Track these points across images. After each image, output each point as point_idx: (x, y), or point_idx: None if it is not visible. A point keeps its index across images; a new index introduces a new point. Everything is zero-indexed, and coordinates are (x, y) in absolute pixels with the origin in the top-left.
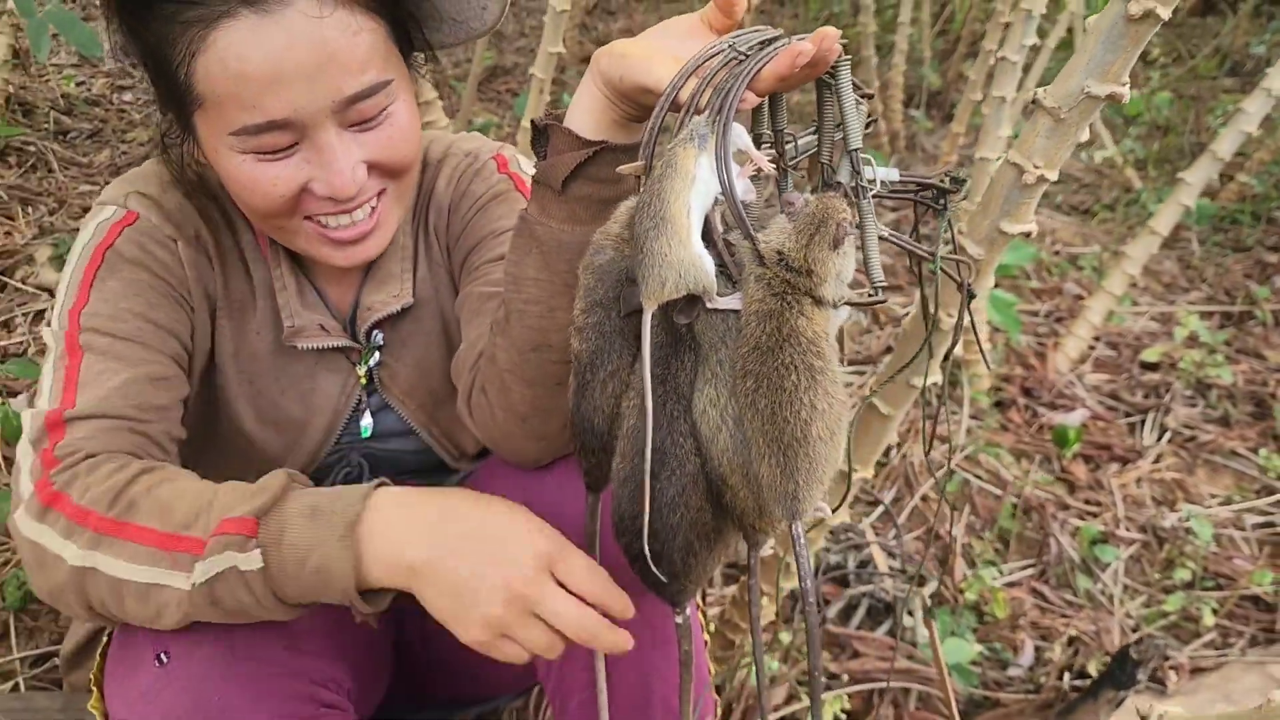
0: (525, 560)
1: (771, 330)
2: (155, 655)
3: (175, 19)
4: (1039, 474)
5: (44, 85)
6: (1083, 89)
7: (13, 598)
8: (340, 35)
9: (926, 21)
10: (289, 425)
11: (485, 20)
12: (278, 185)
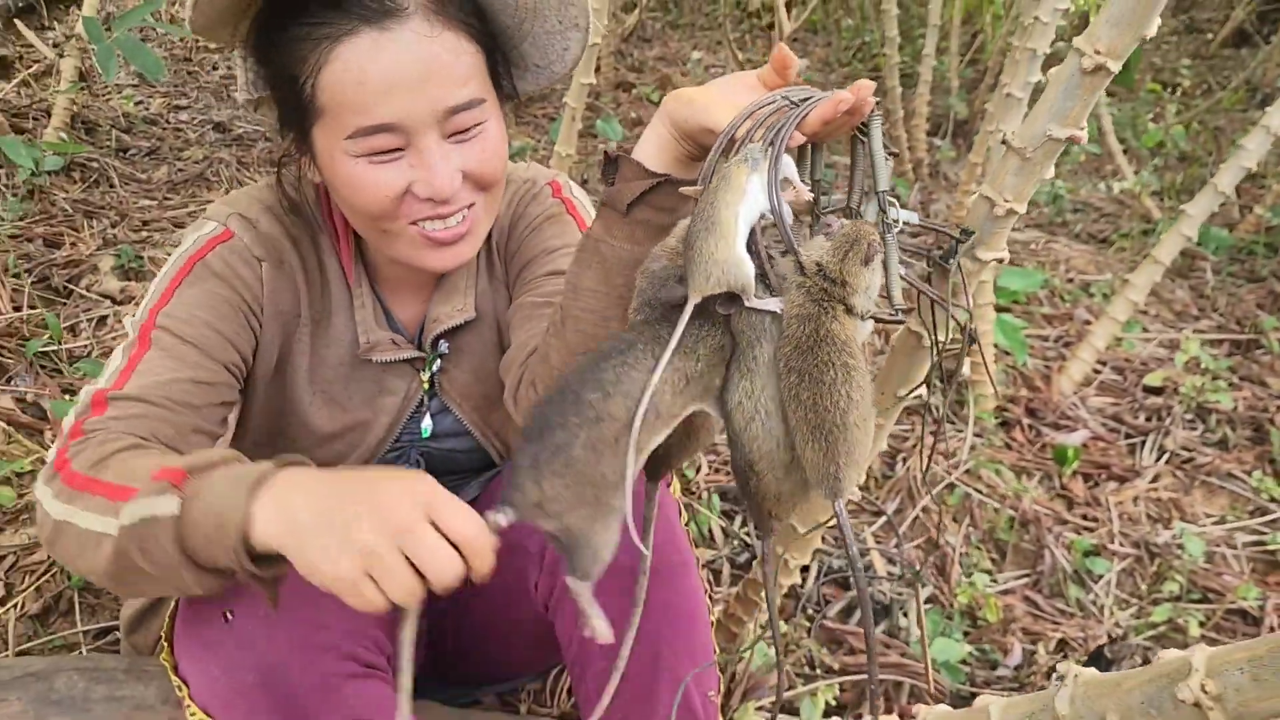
0: (405, 500)
1: (810, 331)
2: (221, 613)
3: (308, 38)
4: (1038, 490)
5: (105, 104)
6: (1045, 132)
7: (77, 577)
8: (446, 53)
9: (955, 51)
10: (355, 425)
11: (566, 61)
12: (384, 187)
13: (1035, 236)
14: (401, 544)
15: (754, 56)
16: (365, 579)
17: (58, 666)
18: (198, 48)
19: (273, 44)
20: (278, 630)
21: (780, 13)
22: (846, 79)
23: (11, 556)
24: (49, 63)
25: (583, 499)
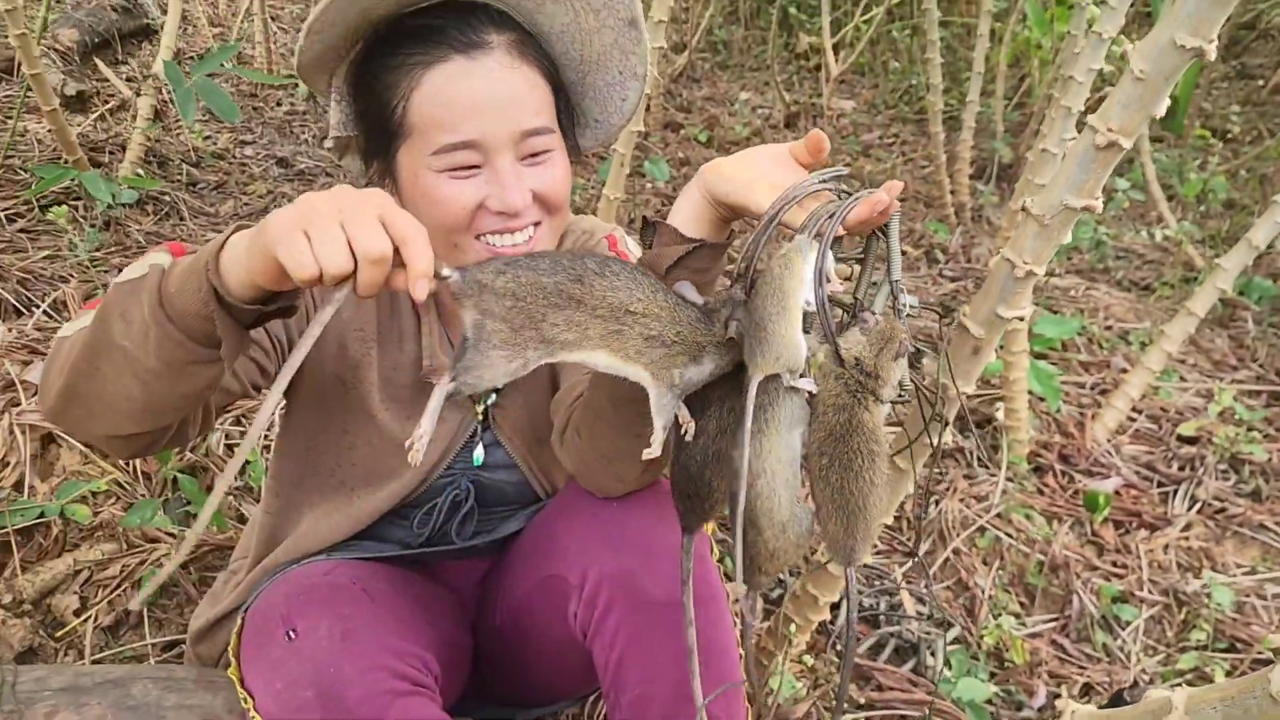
0: (359, 197)
1: (845, 420)
2: (285, 632)
3: (403, 65)
4: (1069, 535)
5: (176, 139)
6: (1062, 201)
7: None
8: (523, 83)
9: (1001, 95)
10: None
11: (624, 111)
12: (462, 199)
13: (1076, 283)
14: (343, 219)
15: (801, 97)
16: (301, 234)
17: (134, 675)
18: (262, 86)
19: (370, 76)
20: (335, 650)
21: (828, 55)
22: (892, 121)
23: (86, 571)
24: (123, 98)
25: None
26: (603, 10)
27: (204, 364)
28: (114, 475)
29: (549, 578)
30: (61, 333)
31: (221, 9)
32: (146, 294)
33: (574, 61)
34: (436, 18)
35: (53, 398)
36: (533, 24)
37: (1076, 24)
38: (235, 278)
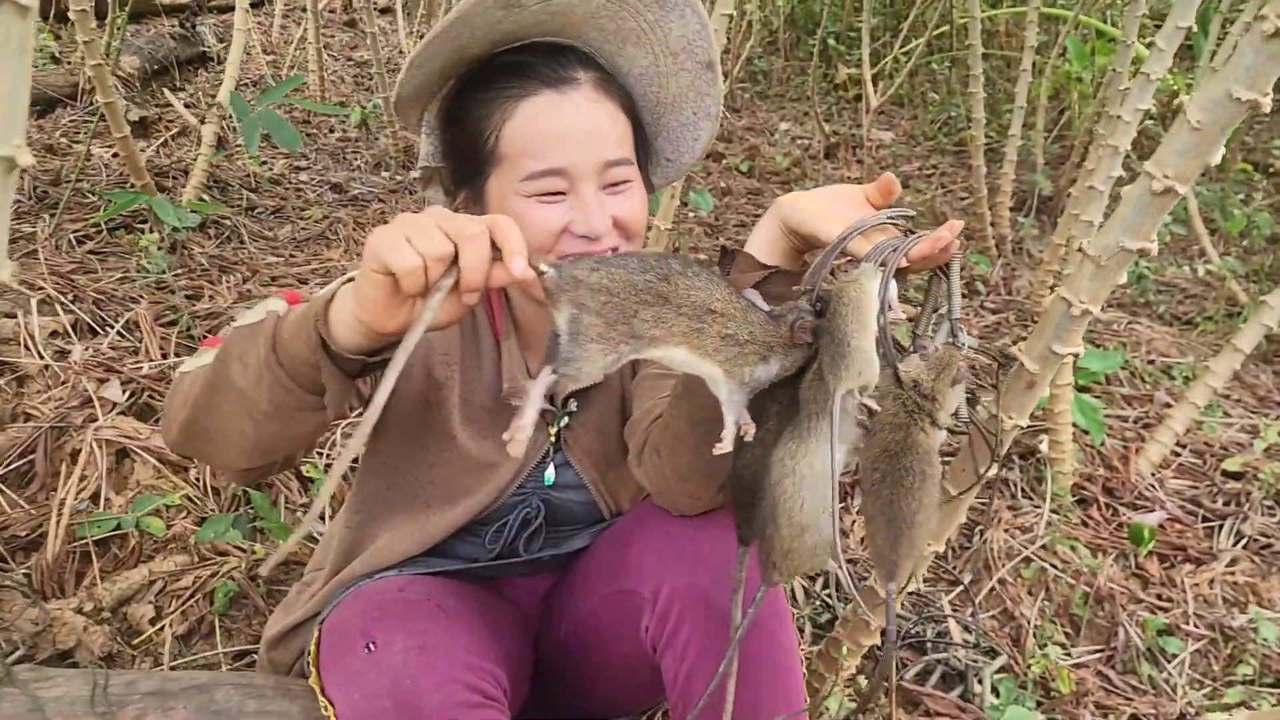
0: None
1: (900, 439)
2: (364, 645)
3: (496, 98)
4: (1113, 568)
5: (235, 165)
6: (1118, 244)
7: (219, 603)
8: (606, 117)
9: (1041, 128)
10: (485, 463)
11: (696, 151)
12: (549, 223)
13: (1118, 316)
14: (436, 221)
15: (840, 128)
16: (401, 237)
17: (217, 681)
18: (315, 113)
19: (463, 108)
20: (412, 663)
21: (867, 86)
22: (931, 152)
23: (161, 582)
24: (184, 123)
25: (610, 318)
26: (681, 54)
27: (311, 410)
28: (185, 490)
29: (621, 592)
30: (183, 368)
31: (274, 36)
32: (262, 339)
33: (650, 103)
34: (528, 55)
35: (175, 430)
36: (613, 66)
37: (1120, 62)
38: (343, 323)
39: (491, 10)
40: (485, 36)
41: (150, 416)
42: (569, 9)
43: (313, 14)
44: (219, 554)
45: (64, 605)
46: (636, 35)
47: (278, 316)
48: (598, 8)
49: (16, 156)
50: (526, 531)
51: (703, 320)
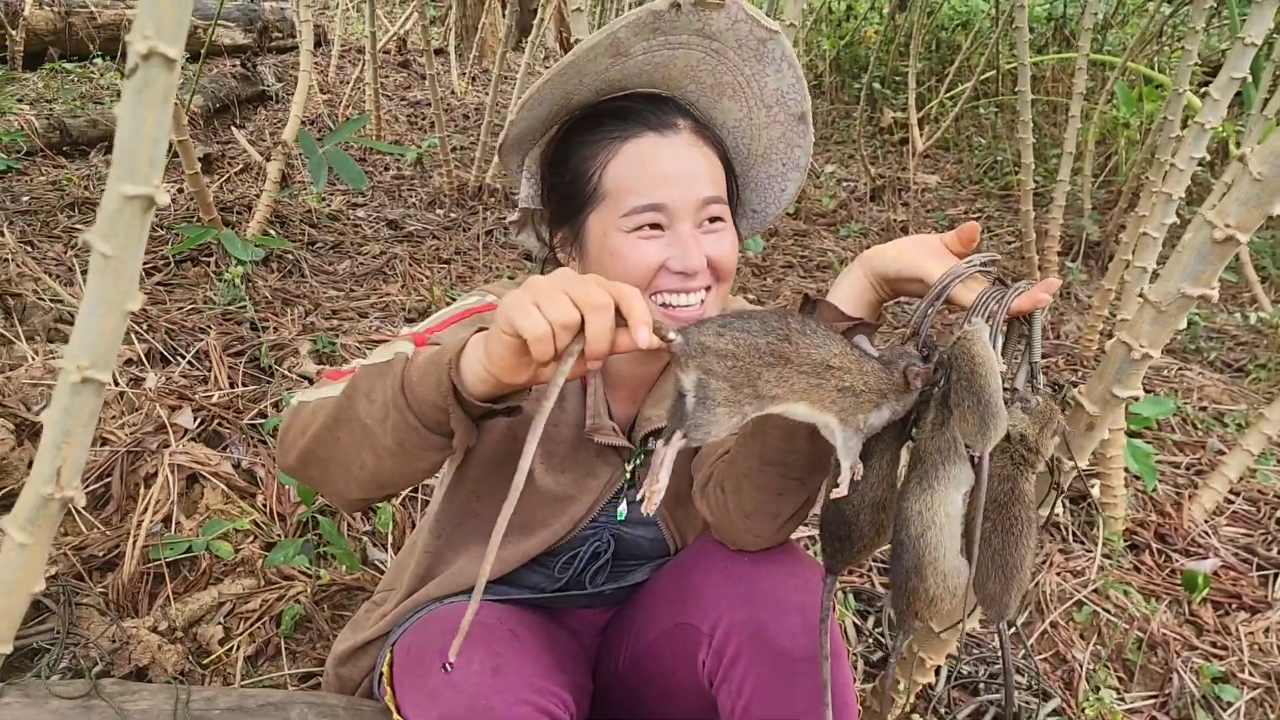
0: (575, 273)
1: (1008, 489)
2: (442, 664)
3: (602, 140)
4: (1167, 614)
5: (295, 200)
6: (1179, 290)
7: (286, 626)
8: (704, 160)
9: (1089, 173)
10: (561, 497)
11: (782, 202)
12: (647, 257)
13: (1168, 362)
14: (564, 288)
15: (886, 171)
16: (530, 303)
17: (292, 699)
18: (371, 150)
19: (567, 150)
20: (487, 683)
21: (913, 130)
22: (977, 196)
23: (229, 604)
24: (247, 160)
25: (736, 381)
26: (774, 106)
27: (433, 449)
28: (253, 515)
29: (680, 625)
30: (301, 397)
31: (331, 76)
32: (391, 379)
33: (741, 155)
34: (631, 102)
35: (293, 456)
36: (708, 118)
37: (1171, 110)
38: (473, 373)
39: (601, 58)
40: (591, 84)
41: (218, 443)
42: (671, 61)
43: (371, 56)
44: (284, 578)
45: (139, 624)
46: (732, 89)
47: (406, 358)
48: (698, 61)
49: (155, 196)
50: (595, 564)
51: (821, 376)
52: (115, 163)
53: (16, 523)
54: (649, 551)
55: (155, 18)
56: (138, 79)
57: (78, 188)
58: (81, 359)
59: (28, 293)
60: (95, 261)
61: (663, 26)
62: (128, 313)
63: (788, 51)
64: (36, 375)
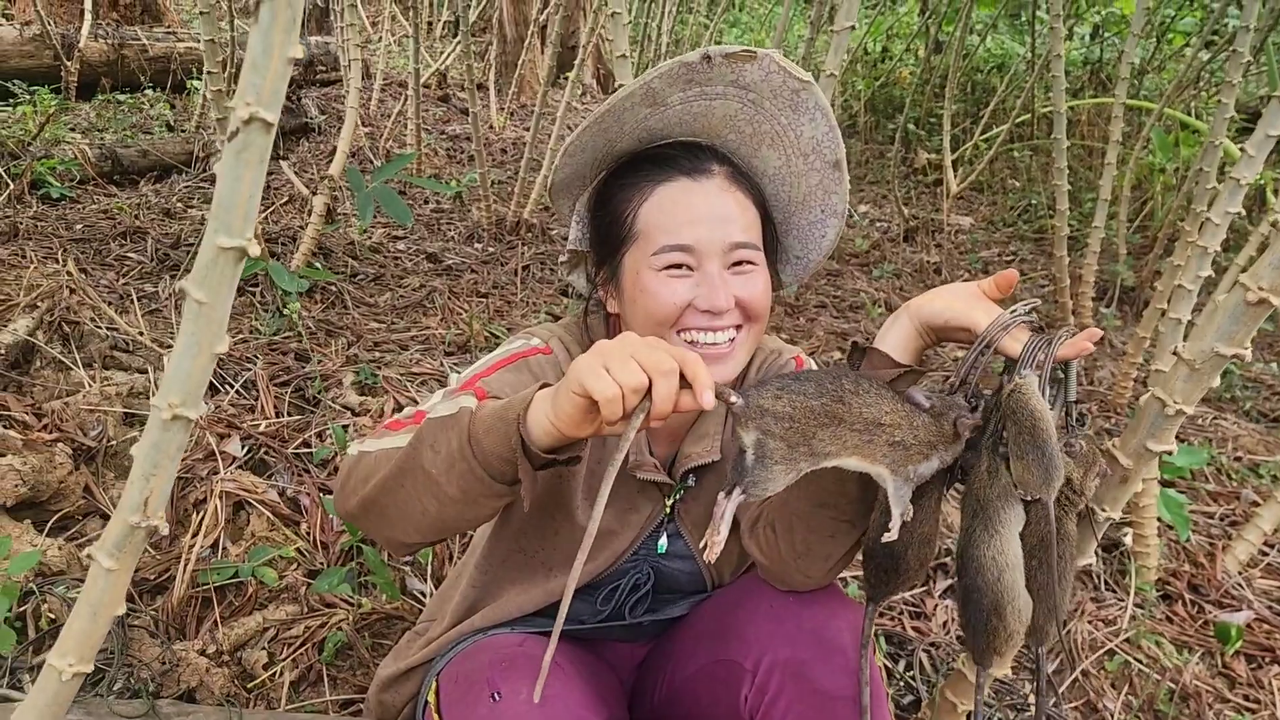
0: (641, 337)
1: (1051, 530)
2: (490, 694)
3: (639, 183)
4: (1199, 665)
5: (338, 233)
6: (1213, 349)
7: (328, 653)
8: (735, 205)
9: (1124, 218)
10: (604, 531)
11: (823, 248)
12: (675, 296)
13: (1203, 411)
14: (632, 352)
15: (919, 212)
16: (600, 367)
17: None
18: (412, 185)
19: (608, 193)
20: (534, 713)
21: (947, 172)
22: (1010, 238)
23: (273, 629)
24: (292, 191)
25: (792, 441)
26: (811, 154)
27: (496, 497)
28: (297, 544)
29: (721, 661)
30: (361, 447)
31: (372, 110)
32: (456, 431)
33: (782, 202)
34: (669, 149)
35: (353, 504)
36: (749, 166)
37: (1208, 160)
38: (539, 426)
39: (638, 107)
40: (632, 133)
41: (265, 471)
42: (709, 110)
43: (414, 93)
44: (326, 605)
45: (189, 647)
46: (771, 138)
47: (470, 412)
48: (736, 111)
49: (248, 248)
50: (635, 596)
51: (873, 433)
52: (213, 216)
53: (104, 549)
54: (686, 585)
55: (256, 87)
56: (239, 141)
57: (129, 216)
58: (173, 397)
59: (85, 320)
60: (190, 307)
61: (696, 78)
62: (216, 355)
63: (821, 101)
64: (94, 402)
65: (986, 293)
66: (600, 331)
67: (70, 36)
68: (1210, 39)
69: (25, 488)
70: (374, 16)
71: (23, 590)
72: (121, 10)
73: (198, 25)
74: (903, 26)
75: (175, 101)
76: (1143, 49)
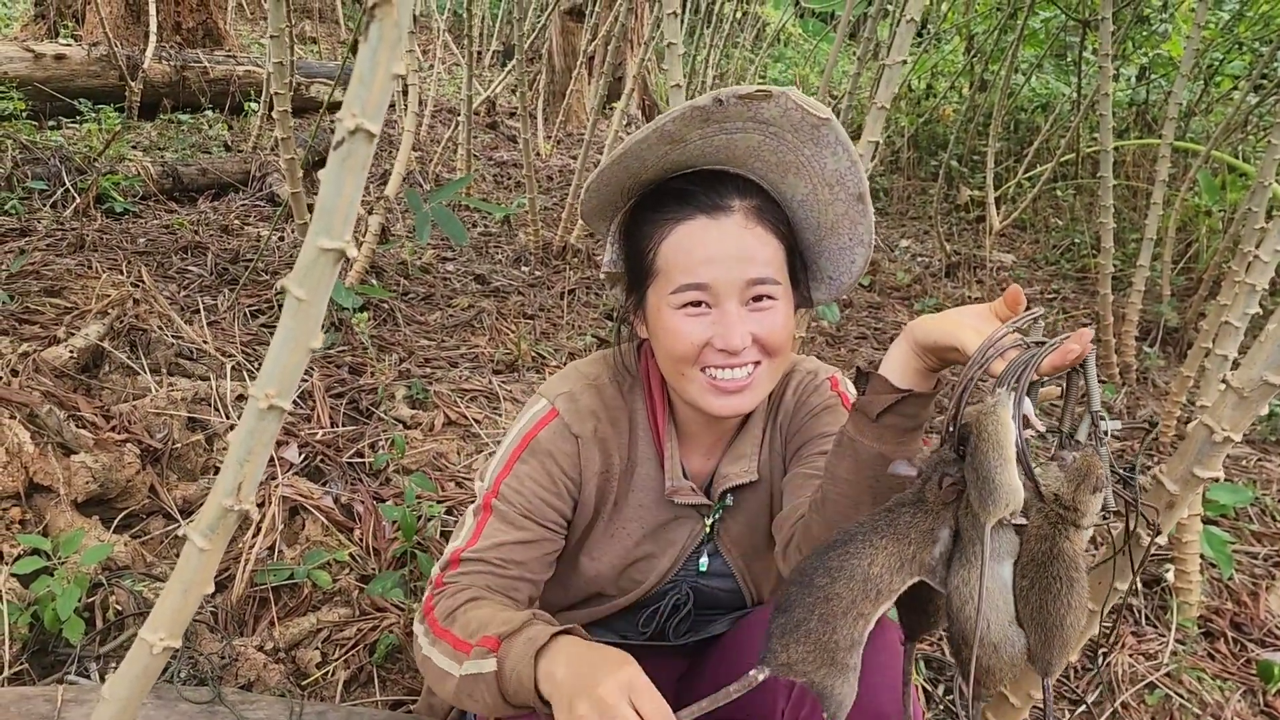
0: (613, 685)
1: (1046, 549)
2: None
3: (660, 220)
4: (1240, 703)
5: (389, 253)
6: (1261, 377)
7: (379, 655)
8: (755, 241)
9: (1169, 259)
10: (644, 557)
11: (853, 273)
12: (693, 335)
13: (1247, 453)
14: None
15: (961, 248)
16: None
17: (394, 719)
18: (459, 206)
19: (635, 226)
20: None
21: (990, 209)
22: (1053, 277)
23: (327, 631)
24: None
25: (823, 660)
26: (835, 185)
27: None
28: (350, 549)
29: None
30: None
31: (422, 136)
32: (487, 686)
33: (812, 226)
34: (692, 183)
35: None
36: (778, 192)
37: (1257, 201)
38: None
39: (656, 146)
40: (657, 165)
41: (320, 479)
42: (731, 144)
43: (465, 119)
44: (378, 610)
45: (247, 643)
46: (796, 167)
47: (495, 671)
48: (759, 143)
49: (346, 250)
50: (677, 617)
51: (877, 580)
52: (315, 219)
53: (199, 530)
54: (727, 602)
55: (362, 99)
56: (343, 150)
57: (189, 232)
58: (269, 388)
59: (152, 328)
60: (289, 304)
61: (712, 117)
62: (310, 350)
63: (842, 137)
64: (160, 405)
65: (997, 312)
66: (632, 357)
67: (135, 58)
68: (1259, 83)
69: (95, 485)
70: (425, 44)
71: (91, 582)
72: (184, 34)
73: (258, 49)
74: (948, 64)
75: (232, 123)
76: (1190, 91)
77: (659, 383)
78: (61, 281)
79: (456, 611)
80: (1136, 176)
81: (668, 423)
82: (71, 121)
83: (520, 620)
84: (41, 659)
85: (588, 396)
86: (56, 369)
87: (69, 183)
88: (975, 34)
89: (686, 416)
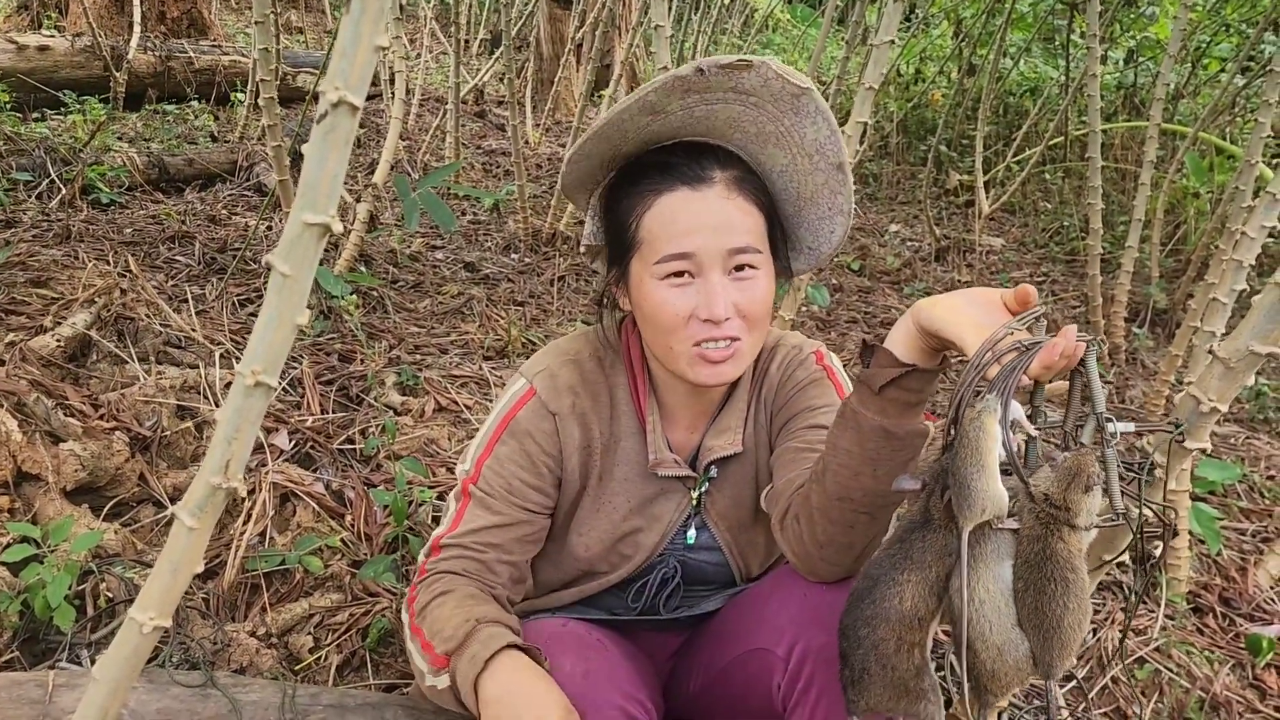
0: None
1: (1039, 550)
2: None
3: (642, 192)
4: (1230, 676)
5: (378, 241)
6: (1248, 347)
7: (372, 639)
8: (737, 211)
9: (1157, 241)
10: (631, 532)
11: (833, 242)
12: (677, 306)
13: (1235, 431)
14: None
15: (950, 232)
16: None
17: (387, 702)
18: (450, 193)
19: (615, 199)
20: (579, 684)
21: (979, 193)
22: (1042, 260)
23: (319, 616)
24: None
25: (899, 693)
26: (815, 155)
27: None
28: (342, 534)
29: (756, 650)
30: (408, 645)
31: (410, 124)
32: (450, 698)
33: (791, 196)
34: (673, 155)
35: None
36: (757, 163)
37: (1244, 180)
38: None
39: (638, 117)
40: (638, 137)
41: (311, 465)
42: (711, 114)
43: (454, 107)
44: (370, 594)
45: (239, 628)
46: (775, 138)
47: (448, 688)
48: (738, 114)
49: (331, 224)
50: (665, 591)
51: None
52: (299, 194)
53: (187, 509)
54: (714, 577)
55: (344, 72)
56: (327, 123)
57: (176, 222)
58: (256, 365)
59: (140, 317)
60: (274, 280)
61: (693, 88)
62: (297, 326)
63: (822, 106)
64: (148, 394)
65: (1006, 303)
66: (614, 332)
67: (119, 48)
68: (1246, 64)
69: (84, 473)
70: (412, 33)
71: (82, 570)
72: (169, 24)
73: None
74: (936, 49)
75: (218, 113)
76: (1177, 74)
77: (639, 356)
78: (48, 272)
79: (428, 608)
80: (1125, 159)
81: (649, 396)
82: (56, 113)
83: (464, 633)
84: (32, 647)
85: (566, 372)
86: (44, 358)
87: (54, 174)
88: (963, 18)
89: (669, 389)
